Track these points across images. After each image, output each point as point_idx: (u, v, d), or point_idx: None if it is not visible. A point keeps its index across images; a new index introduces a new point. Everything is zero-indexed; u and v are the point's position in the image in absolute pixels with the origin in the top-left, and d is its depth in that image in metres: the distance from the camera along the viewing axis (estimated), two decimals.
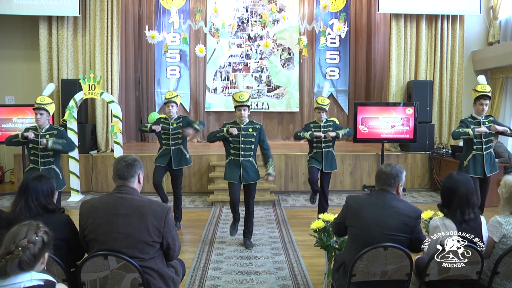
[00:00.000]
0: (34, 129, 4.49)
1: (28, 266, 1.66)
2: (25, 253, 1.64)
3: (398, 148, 8.10)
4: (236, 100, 4.50)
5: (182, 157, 5.27)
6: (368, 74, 9.84)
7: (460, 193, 2.58)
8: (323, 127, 5.24)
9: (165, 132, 5.21)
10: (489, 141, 4.77)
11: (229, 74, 9.69)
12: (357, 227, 2.54)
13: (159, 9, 9.27)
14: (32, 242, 1.67)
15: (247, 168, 4.50)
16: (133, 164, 2.41)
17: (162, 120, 5.27)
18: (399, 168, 2.62)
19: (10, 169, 8.43)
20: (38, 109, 4.46)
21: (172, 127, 5.17)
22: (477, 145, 4.73)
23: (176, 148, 5.24)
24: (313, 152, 5.32)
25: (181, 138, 5.24)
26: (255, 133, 4.52)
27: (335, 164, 5.33)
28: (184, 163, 5.31)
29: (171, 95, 5.22)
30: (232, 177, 4.52)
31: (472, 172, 4.68)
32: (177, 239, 2.43)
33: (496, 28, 8.39)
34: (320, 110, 5.23)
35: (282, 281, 3.71)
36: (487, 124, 4.71)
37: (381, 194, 2.59)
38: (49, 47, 7.76)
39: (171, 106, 5.19)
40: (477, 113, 4.78)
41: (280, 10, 9.44)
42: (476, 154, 4.74)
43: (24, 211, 2.35)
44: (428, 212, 3.43)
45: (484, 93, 4.71)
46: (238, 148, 4.50)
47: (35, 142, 4.38)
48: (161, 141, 5.29)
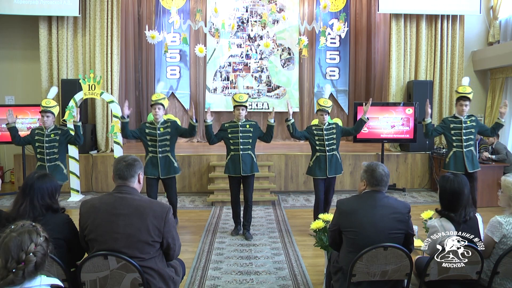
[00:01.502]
0: (40, 130, 4.84)
1: (42, 267, 1.68)
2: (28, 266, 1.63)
3: (398, 148, 8.10)
4: (236, 100, 4.88)
5: (170, 165, 4.91)
6: (368, 74, 9.84)
7: (465, 194, 2.59)
8: (326, 130, 4.95)
9: (152, 138, 4.83)
10: (469, 139, 4.96)
11: (229, 74, 9.69)
12: (353, 230, 2.51)
13: (159, 9, 9.28)
14: (39, 244, 1.67)
15: (246, 161, 4.86)
16: (133, 164, 2.42)
17: (147, 125, 4.91)
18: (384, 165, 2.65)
19: (10, 169, 8.43)
20: (44, 112, 4.82)
21: (159, 132, 4.82)
22: (457, 142, 4.97)
23: (164, 156, 4.88)
24: (315, 156, 5.00)
25: (169, 145, 4.89)
26: (252, 128, 4.91)
27: (340, 167, 5.03)
28: (173, 172, 4.95)
29: (157, 97, 4.87)
30: (232, 171, 4.88)
31: (453, 168, 4.93)
32: (177, 239, 2.43)
33: (496, 28, 8.39)
34: (322, 113, 4.92)
35: (282, 281, 3.71)
36: (468, 123, 4.94)
37: (372, 195, 2.58)
38: (49, 47, 7.76)
39: (157, 109, 4.81)
40: (458, 113, 5.01)
41: (280, 10, 9.43)
42: (457, 151, 4.97)
43: (29, 211, 2.35)
44: (428, 212, 3.44)
45: (464, 95, 4.93)
46: (238, 143, 4.86)
47: (40, 141, 4.74)
48: (147, 148, 4.91)
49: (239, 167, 4.83)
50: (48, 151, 4.79)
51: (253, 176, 5.00)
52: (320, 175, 4.93)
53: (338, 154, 5.06)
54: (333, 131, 4.99)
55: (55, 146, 4.83)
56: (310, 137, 5.01)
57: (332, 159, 4.95)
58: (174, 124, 4.93)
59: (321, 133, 4.95)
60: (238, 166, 4.84)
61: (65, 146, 5.01)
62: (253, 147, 4.95)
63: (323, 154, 4.94)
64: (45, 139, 4.76)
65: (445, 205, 2.64)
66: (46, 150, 4.79)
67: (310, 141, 5.04)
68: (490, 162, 6.56)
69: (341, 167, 5.06)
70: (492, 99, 8.37)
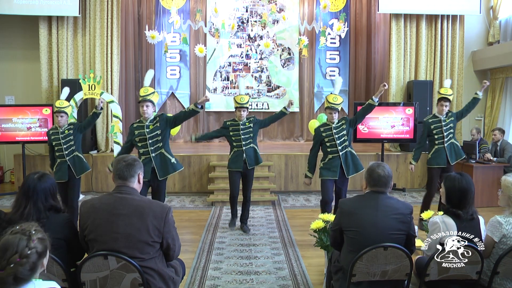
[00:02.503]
0: (54, 129, 5.10)
1: (25, 280, 1.56)
2: (18, 270, 1.53)
3: (398, 148, 8.10)
4: (237, 102, 5.05)
5: (167, 163, 4.36)
6: (368, 74, 9.85)
7: (472, 191, 2.60)
8: (336, 129, 4.57)
9: (141, 138, 4.32)
10: (449, 133, 5.14)
11: (229, 74, 9.69)
12: (354, 230, 2.52)
13: (159, 9, 9.28)
14: (24, 256, 1.55)
15: (250, 155, 5.03)
16: (133, 164, 2.41)
17: (135, 125, 4.42)
18: (387, 166, 2.63)
19: (10, 169, 8.43)
20: (58, 112, 5.02)
21: (148, 130, 4.30)
22: (439, 140, 5.14)
23: (158, 154, 4.35)
24: (327, 158, 4.61)
25: (161, 140, 4.34)
26: (251, 124, 5.07)
27: (359, 164, 4.60)
28: (172, 170, 4.38)
29: (146, 92, 4.31)
30: (235, 166, 5.03)
31: (434, 163, 5.15)
32: (177, 239, 2.43)
33: (496, 28, 8.39)
34: (331, 111, 4.53)
35: (282, 281, 3.70)
36: (447, 121, 5.12)
37: (375, 195, 2.57)
38: (49, 47, 7.76)
39: (145, 106, 4.29)
40: (439, 112, 5.20)
41: (280, 10, 9.43)
42: (439, 148, 5.14)
43: (33, 213, 2.33)
44: (428, 212, 3.44)
45: (444, 96, 5.14)
46: (240, 139, 5.02)
47: (57, 139, 4.99)
48: (138, 150, 4.39)
49: (243, 162, 4.99)
50: (65, 146, 5.01)
51: (253, 170, 5.16)
52: (329, 176, 4.56)
53: (352, 149, 4.65)
54: (343, 127, 4.58)
55: (71, 139, 5.05)
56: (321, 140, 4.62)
57: (347, 158, 4.57)
58: (163, 117, 4.40)
59: (331, 132, 4.57)
60: (241, 161, 4.99)
61: (79, 137, 5.19)
62: (255, 140, 5.12)
63: (335, 155, 4.56)
64: (60, 136, 5.00)
65: (454, 203, 2.61)
66: (64, 146, 5.00)
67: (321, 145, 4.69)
68: (490, 162, 6.57)
69: (361, 164, 4.61)
70: (492, 99, 8.37)
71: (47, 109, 7.03)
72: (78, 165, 5.01)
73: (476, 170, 6.38)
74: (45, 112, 7.02)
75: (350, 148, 4.64)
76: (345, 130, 4.60)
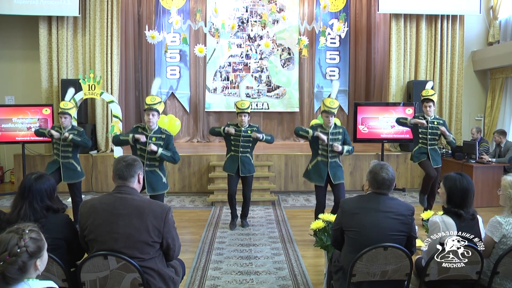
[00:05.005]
0: (58, 128, 5.19)
1: (15, 279, 1.54)
2: (7, 268, 1.50)
3: (398, 148, 8.10)
4: (238, 107, 5.15)
5: (158, 181, 4.23)
6: (368, 74, 9.84)
7: (473, 191, 2.60)
8: (331, 134, 4.57)
9: (141, 148, 4.21)
10: (433, 139, 5.34)
11: (229, 74, 9.69)
12: (354, 230, 2.52)
13: (159, 9, 9.28)
14: (13, 255, 1.52)
15: (244, 163, 5.15)
16: (133, 164, 2.41)
17: (139, 130, 4.27)
18: (390, 168, 2.62)
19: (10, 169, 8.43)
20: (62, 114, 5.08)
21: (149, 141, 4.18)
22: (422, 140, 5.38)
23: (151, 170, 4.21)
24: (315, 160, 4.65)
25: (159, 159, 4.22)
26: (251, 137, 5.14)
27: (341, 174, 4.66)
28: (161, 189, 4.25)
29: (152, 101, 4.21)
30: (230, 170, 5.17)
31: (417, 161, 5.44)
32: (177, 239, 2.43)
33: (496, 28, 8.40)
34: (328, 114, 4.52)
35: (282, 281, 3.71)
36: (435, 124, 5.30)
37: (376, 196, 2.57)
38: (49, 47, 7.75)
39: (151, 115, 4.19)
40: (425, 113, 5.38)
41: (280, 10, 9.44)
42: (421, 147, 5.39)
43: (29, 214, 2.32)
44: (428, 212, 3.44)
45: (427, 97, 5.34)
46: (238, 145, 5.14)
47: (57, 139, 5.08)
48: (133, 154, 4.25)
49: (237, 167, 5.13)
50: (63, 149, 5.08)
51: (251, 176, 5.28)
52: (318, 182, 4.62)
53: (339, 160, 4.73)
54: (338, 138, 4.61)
55: (70, 145, 5.08)
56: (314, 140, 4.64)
57: (334, 165, 4.61)
58: (168, 139, 4.28)
59: (326, 137, 4.56)
60: (236, 166, 5.14)
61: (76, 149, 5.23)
62: (251, 150, 5.26)
63: (324, 159, 4.60)
64: (61, 137, 5.06)
65: (456, 203, 2.61)
66: (61, 148, 5.08)
67: (312, 144, 4.70)
68: (490, 162, 6.56)
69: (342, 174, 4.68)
70: (492, 99, 8.37)
71: (47, 109, 7.04)
72: (67, 172, 5.07)
73: (476, 170, 6.39)
74: (45, 112, 7.02)
75: (338, 160, 4.68)
76: (340, 141, 4.63)
